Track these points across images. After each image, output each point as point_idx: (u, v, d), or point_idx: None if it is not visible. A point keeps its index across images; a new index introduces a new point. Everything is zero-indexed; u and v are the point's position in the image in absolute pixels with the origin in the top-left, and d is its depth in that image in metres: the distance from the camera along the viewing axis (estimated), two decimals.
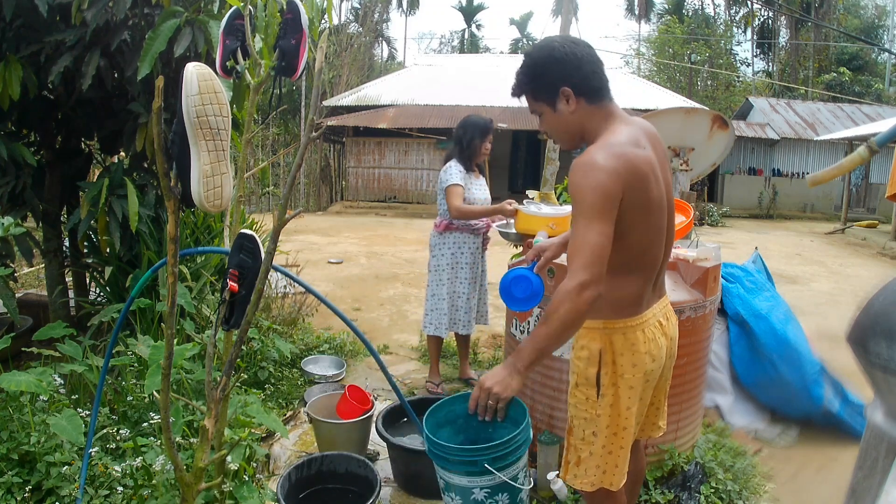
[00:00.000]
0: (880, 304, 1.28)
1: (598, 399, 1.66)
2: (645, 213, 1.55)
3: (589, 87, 1.58)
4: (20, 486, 2.07)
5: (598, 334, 1.66)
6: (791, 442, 3.26)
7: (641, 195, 1.52)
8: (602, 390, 1.65)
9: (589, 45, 1.61)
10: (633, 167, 1.49)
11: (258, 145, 18.89)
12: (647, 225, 1.57)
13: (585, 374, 1.68)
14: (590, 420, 1.67)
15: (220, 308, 1.65)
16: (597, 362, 1.66)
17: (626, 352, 1.64)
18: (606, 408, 1.65)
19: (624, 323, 1.64)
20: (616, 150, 1.49)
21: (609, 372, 1.65)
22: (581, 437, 1.70)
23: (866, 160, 1.79)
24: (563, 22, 5.22)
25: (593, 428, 1.67)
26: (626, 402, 1.66)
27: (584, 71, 1.57)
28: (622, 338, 1.64)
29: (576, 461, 1.72)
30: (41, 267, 4.79)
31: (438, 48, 41.02)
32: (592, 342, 1.67)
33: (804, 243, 11.68)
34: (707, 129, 4.43)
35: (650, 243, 1.61)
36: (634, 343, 1.64)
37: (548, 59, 1.58)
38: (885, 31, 27.83)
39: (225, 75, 2.02)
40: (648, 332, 1.66)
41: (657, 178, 1.58)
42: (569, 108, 1.59)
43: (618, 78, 20.56)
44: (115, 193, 3.03)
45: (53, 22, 2.92)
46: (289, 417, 3.25)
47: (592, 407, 1.67)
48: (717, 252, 2.75)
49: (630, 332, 1.64)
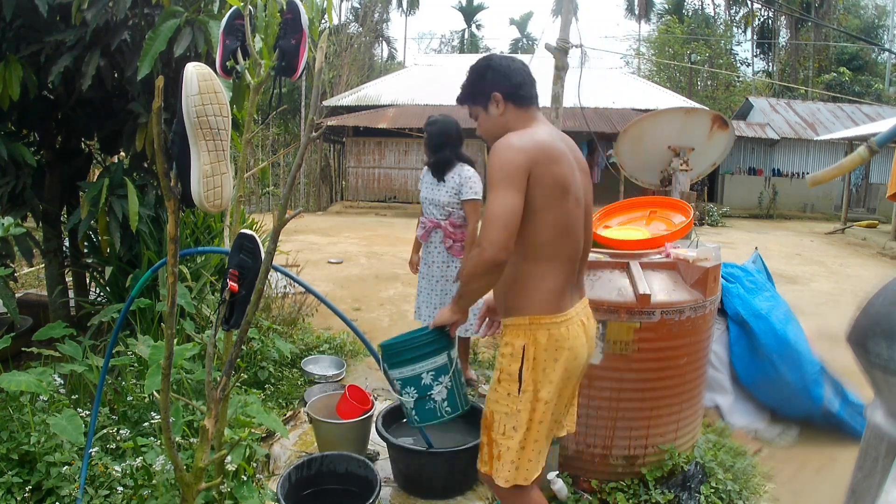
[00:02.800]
0: (880, 305, 1.28)
1: (519, 394, 1.73)
2: (557, 191, 1.68)
3: (516, 94, 1.81)
4: (20, 486, 2.07)
5: (523, 330, 1.73)
6: (791, 442, 3.26)
7: (551, 171, 1.67)
8: (523, 385, 1.72)
9: (523, 63, 1.87)
10: (541, 146, 1.68)
11: (258, 145, 18.90)
12: (562, 208, 1.70)
13: (509, 369, 1.75)
14: (511, 415, 1.74)
15: (220, 308, 1.65)
16: (520, 358, 1.73)
17: (549, 347, 1.71)
18: (527, 403, 1.72)
19: (549, 319, 1.71)
20: (526, 135, 1.71)
21: (530, 367, 1.72)
22: (502, 431, 1.76)
23: (866, 160, 1.79)
24: (563, 22, 5.21)
25: (514, 423, 1.74)
26: (545, 397, 1.72)
27: (513, 81, 1.81)
28: (546, 333, 1.71)
29: (497, 456, 1.78)
30: (41, 267, 4.79)
31: (438, 48, 41.06)
32: (516, 338, 1.74)
33: (804, 243, 11.67)
34: (707, 129, 4.44)
35: (566, 228, 1.72)
36: (558, 339, 1.71)
37: (485, 69, 1.84)
38: (885, 31, 27.83)
39: (225, 75, 2.02)
40: (572, 329, 1.74)
41: (571, 170, 1.74)
42: (498, 111, 1.82)
43: (618, 78, 20.59)
44: (115, 193, 3.03)
45: (53, 22, 2.92)
46: (289, 417, 3.25)
47: (514, 402, 1.74)
48: (717, 252, 2.75)
49: (554, 328, 1.71)
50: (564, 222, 1.71)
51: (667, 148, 4.46)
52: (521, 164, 1.63)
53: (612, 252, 2.77)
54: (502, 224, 1.59)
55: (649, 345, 2.51)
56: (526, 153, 1.65)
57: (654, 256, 2.71)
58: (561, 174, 1.69)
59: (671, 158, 4.47)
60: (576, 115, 11.11)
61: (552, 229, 1.69)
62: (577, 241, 1.77)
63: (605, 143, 13.27)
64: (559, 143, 1.76)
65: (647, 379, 2.55)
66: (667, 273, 2.61)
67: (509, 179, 1.62)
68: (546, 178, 1.66)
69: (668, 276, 2.60)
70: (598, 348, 2.52)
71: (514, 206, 1.61)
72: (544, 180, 1.66)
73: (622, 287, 2.52)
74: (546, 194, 1.66)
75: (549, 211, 1.68)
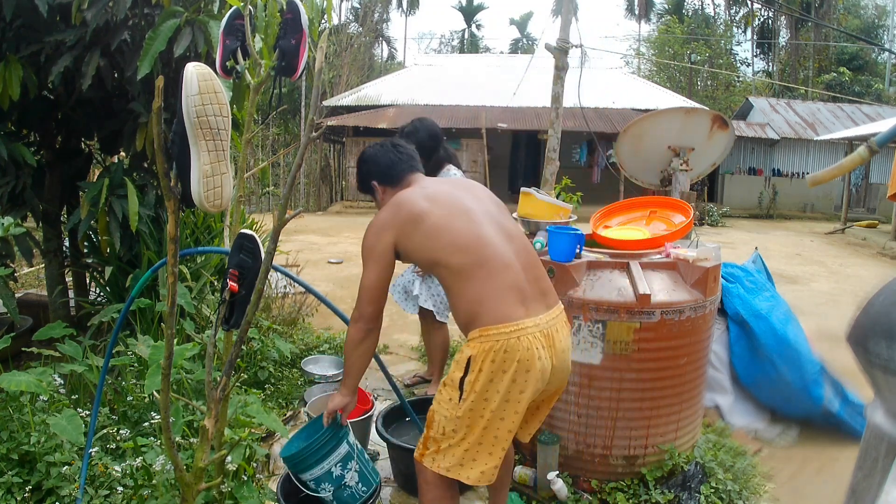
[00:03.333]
0: (880, 304, 1.28)
1: (459, 402, 1.77)
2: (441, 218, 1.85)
3: (388, 176, 2.06)
4: (20, 486, 2.07)
5: (475, 343, 1.76)
6: (791, 442, 3.26)
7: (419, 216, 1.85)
8: (464, 395, 1.76)
9: (392, 144, 2.11)
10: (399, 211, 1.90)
11: (258, 145, 18.89)
12: (452, 228, 1.84)
13: (452, 376, 1.80)
14: (449, 419, 1.79)
15: (220, 308, 1.65)
16: (463, 368, 1.77)
17: (497, 359, 1.72)
18: (467, 411, 1.76)
19: (496, 329, 1.74)
20: (387, 209, 1.93)
21: (473, 379, 1.75)
22: (441, 432, 1.81)
23: (866, 160, 1.79)
24: (563, 22, 5.21)
25: (453, 426, 1.79)
26: (490, 406, 1.74)
27: (382, 166, 2.06)
28: (495, 344, 1.73)
29: (436, 450, 1.82)
30: (41, 267, 4.79)
31: (438, 48, 41.03)
32: (466, 349, 1.79)
33: (804, 243, 11.67)
34: (707, 129, 4.43)
35: (468, 243, 1.82)
36: (507, 350, 1.72)
37: (361, 164, 2.12)
38: (885, 31, 27.82)
39: (225, 75, 2.02)
40: (524, 340, 1.74)
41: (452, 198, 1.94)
42: (382, 194, 2.07)
43: (618, 78, 20.59)
44: (115, 193, 3.03)
45: (53, 22, 2.92)
46: (289, 417, 3.24)
47: (453, 408, 1.78)
48: (717, 252, 2.75)
49: (503, 338, 1.73)
50: (465, 239, 1.83)
51: (667, 148, 4.45)
52: (381, 238, 1.87)
53: (612, 252, 2.77)
54: (367, 298, 1.88)
55: (649, 345, 2.51)
56: (384, 228, 1.88)
57: (654, 256, 2.71)
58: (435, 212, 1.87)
59: (671, 158, 4.46)
60: (576, 114, 11.10)
61: (453, 245, 1.82)
62: (491, 251, 1.83)
63: (605, 143, 13.27)
64: (429, 188, 1.99)
65: (647, 379, 2.55)
66: (667, 273, 2.61)
67: (372, 257, 1.88)
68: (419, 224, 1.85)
69: (668, 276, 2.60)
70: (598, 348, 2.52)
71: (376, 281, 1.87)
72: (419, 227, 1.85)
73: (622, 287, 2.52)
74: (426, 232, 1.84)
75: (441, 234, 1.83)
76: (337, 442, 2.06)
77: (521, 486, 2.63)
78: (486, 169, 15.72)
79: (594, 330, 2.52)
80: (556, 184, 5.34)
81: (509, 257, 1.85)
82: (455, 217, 1.88)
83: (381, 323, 1.94)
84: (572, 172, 7.57)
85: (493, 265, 1.81)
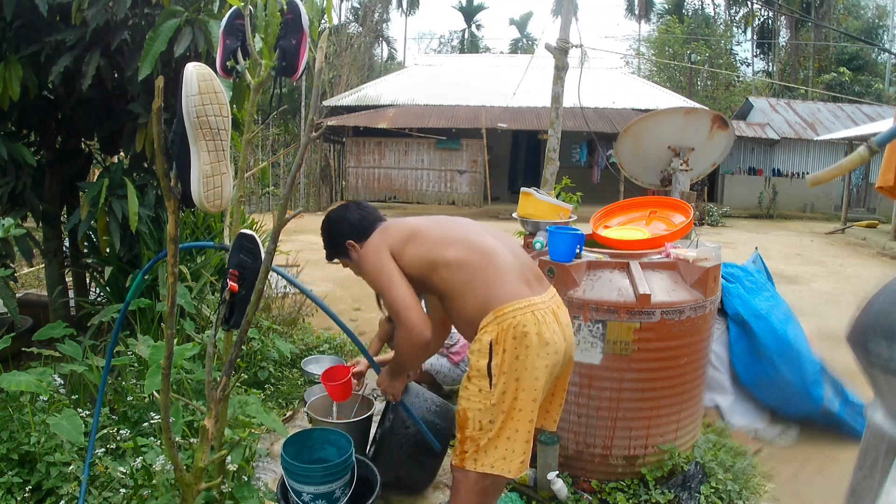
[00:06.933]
0: (880, 304, 1.28)
1: (490, 389, 1.78)
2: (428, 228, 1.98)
3: (360, 230, 2.07)
4: (20, 486, 2.07)
5: (491, 327, 1.79)
6: (791, 442, 3.26)
7: (406, 235, 1.97)
8: (494, 379, 1.78)
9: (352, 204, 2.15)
10: (387, 226, 2.05)
11: (258, 145, 18.89)
12: (441, 229, 1.98)
13: (477, 365, 1.80)
14: (485, 410, 1.79)
15: (220, 308, 1.65)
16: (487, 353, 1.79)
17: (517, 334, 1.76)
18: (500, 395, 1.77)
19: (511, 306, 1.79)
20: (371, 243, 2.01)
21: (500, 361, 1.77)
22: (478, 427, 1.81)
23: (866, 160, 1.78)
24: (563, 22, 5.21)
25: (489, 417, 1.79)
26: (522, 385, 1.77)
27: (352, 223, 2.08)
28: (512, 321, 1.77)
29: (475, 449, 1.81)
30: (41, 267, 4.79)
31: (438, 48, 40.99)
32: (484, 335, 1.80)
33: (804, 243, 11.67)
34: (707, 129, 4.43)
35: (458, 238, 1.94)
36: (525, 325, 1.77)
37: (328, 229, 2.14)
38: (885, 31, 27.81)
39: (225, 75, 2.01)
40: (539, 314, 1.80)
41: (432, 216, 2.12)
42: (358, 253, 2.06)
43: (618, 78, 20.58)
44: (115, 193, 3.03)
45: (53, 22, 2.92)
46: (289, 417, 3.24)
47: (486, 397, 1.79)
48: (717, 252, 2.75)
49: (519, 314, 1.78)
50: (450, 236, 1.95)
51: (667, 148, 4.45)
52: (382, 257, 1.93)
53: (613, 252, 2.77)
54: (408, 307, 1.86)
55: (649, 345, 2.51)
56: (380, 248, 1.96)
57: (654, 256, 2.72)
58: (421, 224, 2.02)
59: (671, 158, 4.46)
60: (576, 114, 11.10)
61: (445, 245, 1.91)
62: (482, 242, 1.93)
63: (605, 143, 13.28)
64: (404, 221, 2.09)
65: (647, 379, 2.55)
66: (667, 273, 2.61)
67: (383, 276, 1.91)
68: (409, 238, 1.95)
69: (668, 276, 2.60)
70: (598, 348, 2.52)
71: (403, 294, 1.88)
72: (409, 241, 1.95)
73: (622, 287, 2.52)
74: (417, 240, 1.94)
75: (430, 238, 1.95)
76: (349, 469, 2.21)
77: (521, 486, 2.62)
78: (486, 169, 15.72)
79: (594, 330, 2.52)
80: (556, 184, 5.33)
81: (500, 247, 1.94)
82: (441, 224, 2.03)
83: (429, 324, 1.92)
84: (572, 172, 7.56)
85: (488, 254, 1.89)
